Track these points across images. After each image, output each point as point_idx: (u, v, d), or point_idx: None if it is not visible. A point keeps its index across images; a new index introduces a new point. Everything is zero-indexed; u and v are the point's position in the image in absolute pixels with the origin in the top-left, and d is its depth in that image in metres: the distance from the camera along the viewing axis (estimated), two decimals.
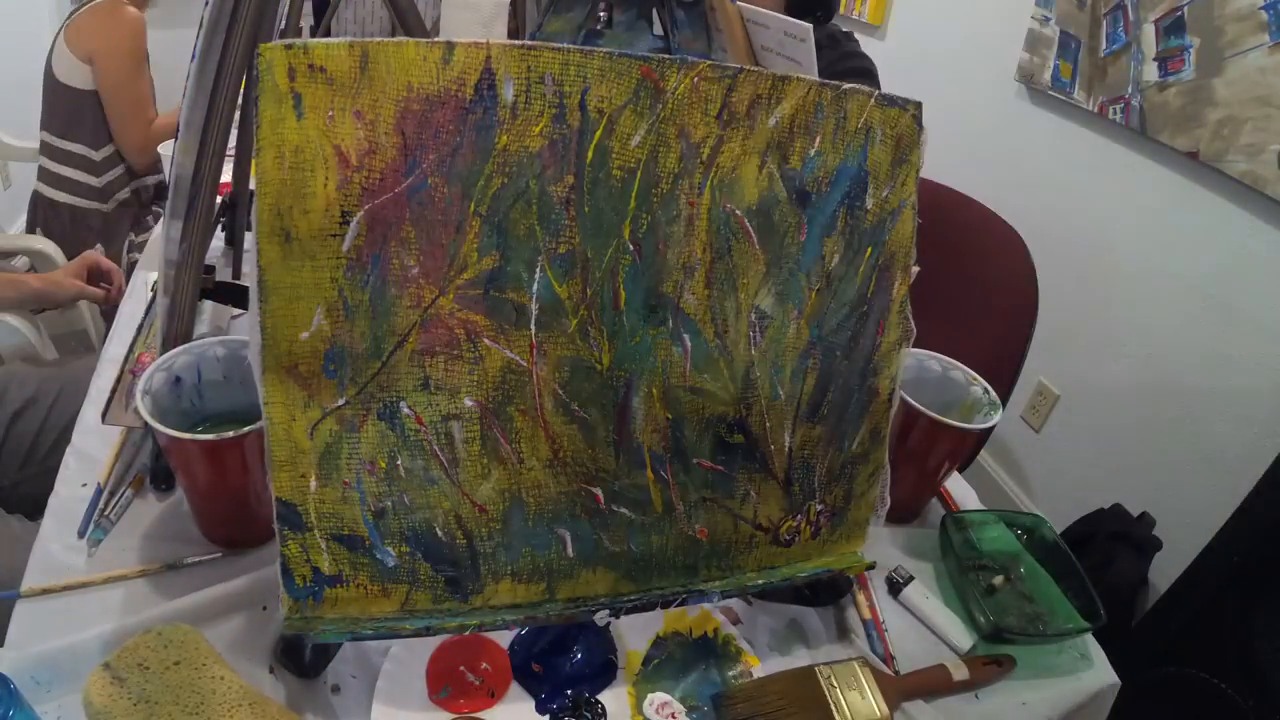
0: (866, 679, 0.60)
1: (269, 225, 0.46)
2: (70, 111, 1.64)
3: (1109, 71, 1.63)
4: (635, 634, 0.65)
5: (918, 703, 0.63)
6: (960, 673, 0.65)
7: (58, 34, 1.60)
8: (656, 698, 0.61)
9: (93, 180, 1.68)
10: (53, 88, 1.63)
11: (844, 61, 1.43)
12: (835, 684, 0.59)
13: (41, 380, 1.05)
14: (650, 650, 0.65)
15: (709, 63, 0.51)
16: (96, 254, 1.33)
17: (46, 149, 1.68)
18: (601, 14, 0.65)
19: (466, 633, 0.57)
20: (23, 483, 0.96)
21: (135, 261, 1.74)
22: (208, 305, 0.90)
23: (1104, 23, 1.63)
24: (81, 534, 0.66)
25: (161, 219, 1.79)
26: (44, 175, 1.71)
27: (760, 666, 0.64)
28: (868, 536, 0.68)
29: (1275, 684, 1.08)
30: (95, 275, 1.28)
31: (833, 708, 0.58)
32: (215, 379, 0.68)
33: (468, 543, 0.54)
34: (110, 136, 1.67)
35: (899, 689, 0.63)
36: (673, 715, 0.60)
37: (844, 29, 1.51)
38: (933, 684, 0.65)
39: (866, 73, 1.42)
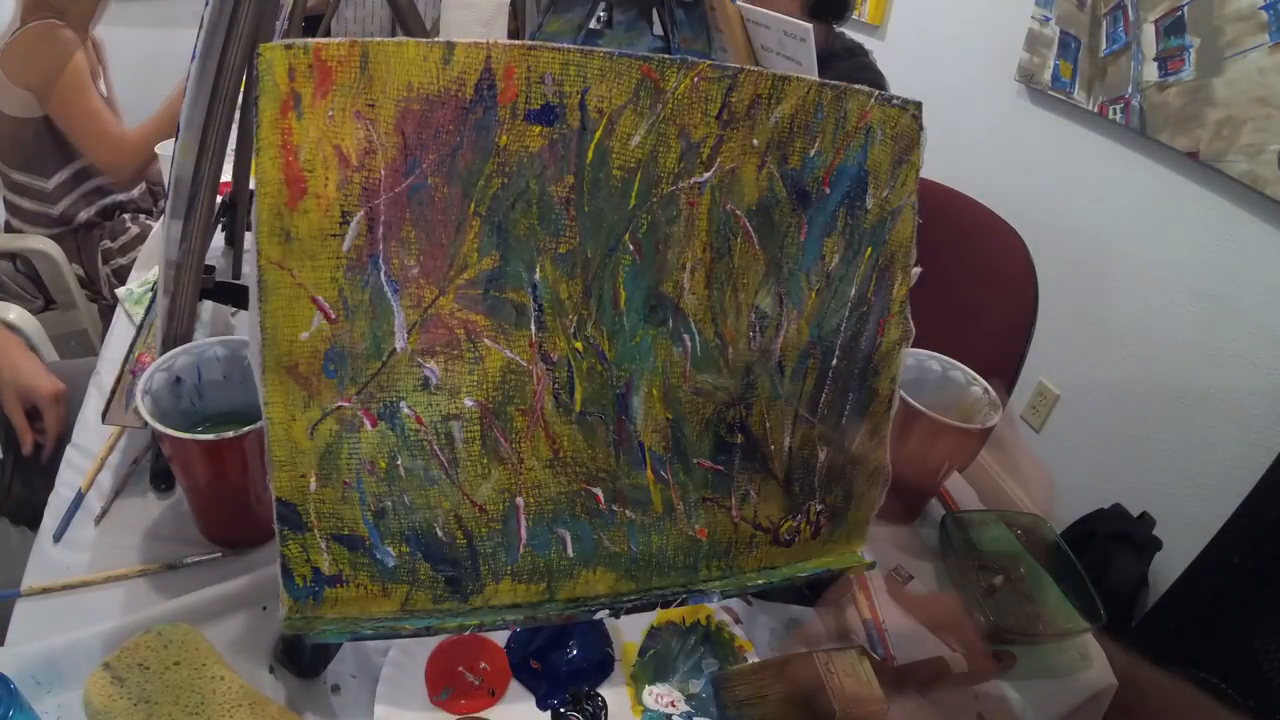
0: (864, 667, 0.60)
1: (269, 225, 0.46)
2: (14, 141, 1.58)
3: (1109, 71, 1.62)
4: (630, 626, 0.66)
5: (914, 697, 0.63)
6: (959, 666, 0.65)
7: None
8: (655, 688, 0.61)
9: (49, 210, 1.63)
10: None
11: (861, 73, 1.45)
12: (833, 670, 0.59)
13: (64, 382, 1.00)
14: (645, 641, 0.65)
15: (709, 63, 0.51)
16: (45, 392, 0.88)
17: (4, 180, 1.63)
18: (601, 14, 0.65)
19: (466, 633, 0.56)
20: (39, 492, 0.92)
21: (116, 269, 1.71)
22: (208, 305, 0.89)
23: (1104, 23, 1.62)
24: (57, 538, 0.66)
25: (123, 217, 1.71)
26: (7, 207, 1.66)
27: (754, 654, 0.64)
28: (868, 536, 0.68)
29: (1275, 684, 1.08)
30: (35, 411, 0.90)
31: (829, 693, 0.57)
32: (215, 379, 0.68)
33: (468, 543, 0.54)
34: (60, 164, 1.62)
35: (897, 679, 0.63)
36: (672, 703, 0.60)
37: (859, 42, 1.52)
38: (931, 676, 0.65)
39: (879, 86, 1.44)
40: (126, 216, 1.76)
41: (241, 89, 0.64)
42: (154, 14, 2.42)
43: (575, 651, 0.62)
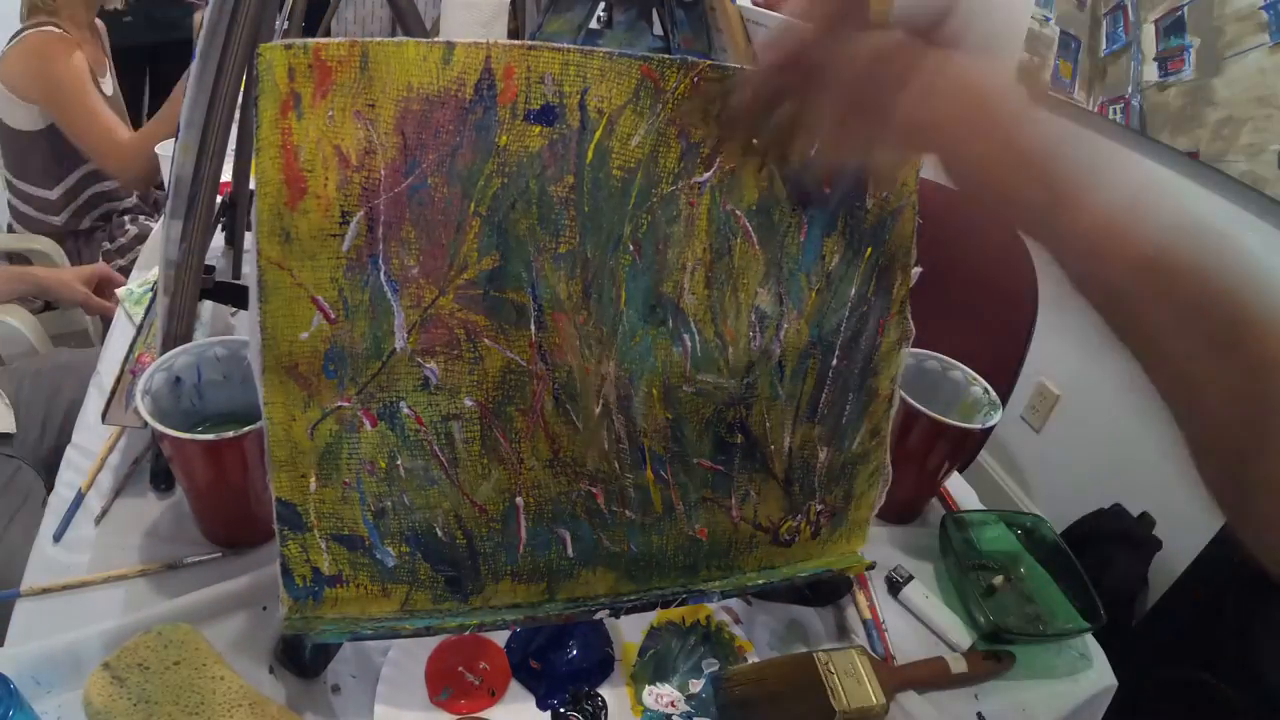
0: (864, 666, 0.60)
1: (269, 225, 0.46)
2: (18, 152, 1.58)
3: (1109, 71, 1.62)
4: (630, 626, 0.66)
5: (914, 697, 0.63)
6: (958, 666, 0.65)
7: None
8: (655, 688, 0.61)
9: (53, 219, 1.63)
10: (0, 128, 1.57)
11: None
12: (833, 669, 0.59)
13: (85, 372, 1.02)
14: (645, 641, 0.65)
15: (709, 63, 0.51)
16: (108, 267, 1.32)
17: (9, 186, 1.63)
18: (601, 14, 0.65)
19: (466, 633, 0.57)
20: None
21: (116, 270, 1.72)
22: (208, 305, 0.89)
23: (1104, 23, 1.62)
24: (57, 538, 0.66)
25: (122, 223, 1.73)
26: (12, 212, 1.65)
27: (754, 654, 0.65)
28: (868, 536, 0.68)
29: (1275, 684, 1.08)
30: (104, 286, 1.27)
31: (829, 692, 0.58)
32: (215, 379, 0.68)
33: (468, 543, 0.54)
34: (62, 174, 1.61)
35: (896, 679, 0.63)
36: (672, 704, 0.60)
37: None
38: (930, 676, 0.65)
39: None
40: (126, 218, 1.76)
41: (241, 89, 0.64)
42: None
43: (575, 651, 0.62)
